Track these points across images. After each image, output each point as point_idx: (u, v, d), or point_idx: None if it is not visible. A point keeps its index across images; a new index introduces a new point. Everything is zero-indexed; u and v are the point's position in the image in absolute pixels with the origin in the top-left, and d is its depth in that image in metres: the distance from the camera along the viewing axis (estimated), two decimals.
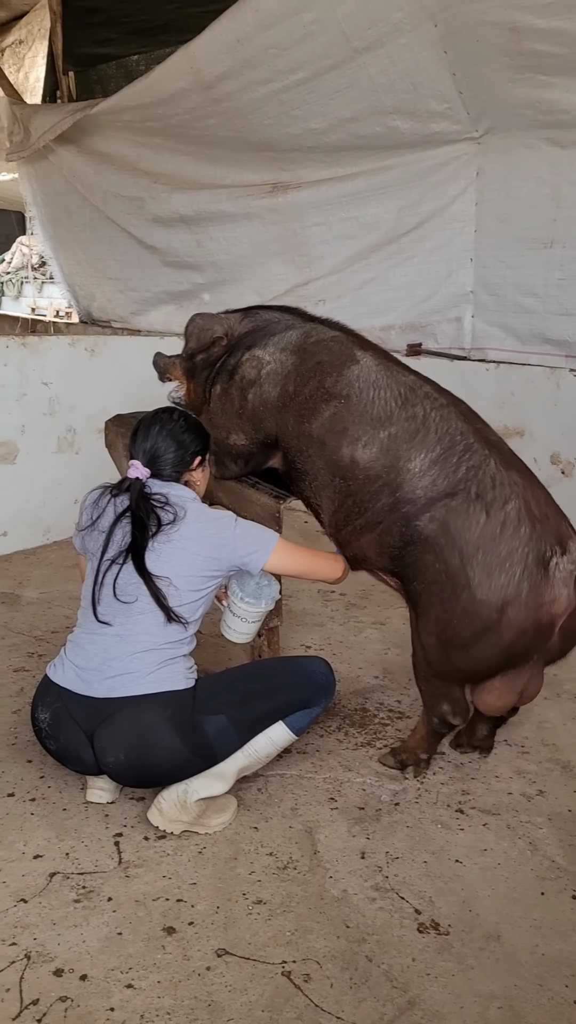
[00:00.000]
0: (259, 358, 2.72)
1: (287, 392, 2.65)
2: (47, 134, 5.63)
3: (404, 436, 2.43)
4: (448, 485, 2.35)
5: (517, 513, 2.29)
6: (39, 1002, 1.76)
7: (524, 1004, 1.80)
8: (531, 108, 4.05)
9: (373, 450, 2.46)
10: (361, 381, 2.53)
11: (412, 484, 2.39)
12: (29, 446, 4.44)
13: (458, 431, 2.41)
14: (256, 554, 2.38)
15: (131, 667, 2.26)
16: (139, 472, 2.38)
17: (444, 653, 2.40)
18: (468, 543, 2.29)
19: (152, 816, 2.28)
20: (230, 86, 4.59)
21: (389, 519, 2.43)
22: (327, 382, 2.57)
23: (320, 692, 2.41)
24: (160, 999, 1.77)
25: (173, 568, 2.29)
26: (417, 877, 2.17)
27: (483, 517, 2.29)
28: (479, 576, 2.27)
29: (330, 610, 3.88)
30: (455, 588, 2.31)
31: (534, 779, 2.62)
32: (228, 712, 2.29)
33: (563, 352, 4.43)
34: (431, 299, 4.94)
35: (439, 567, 2.33)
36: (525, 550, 2.26)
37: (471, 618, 2.30)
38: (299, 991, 1.81)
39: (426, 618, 2.41)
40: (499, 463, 2.36)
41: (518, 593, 2.25)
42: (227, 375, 2.79)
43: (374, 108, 4.38)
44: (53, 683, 2.34)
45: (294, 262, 5.42)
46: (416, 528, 2.37)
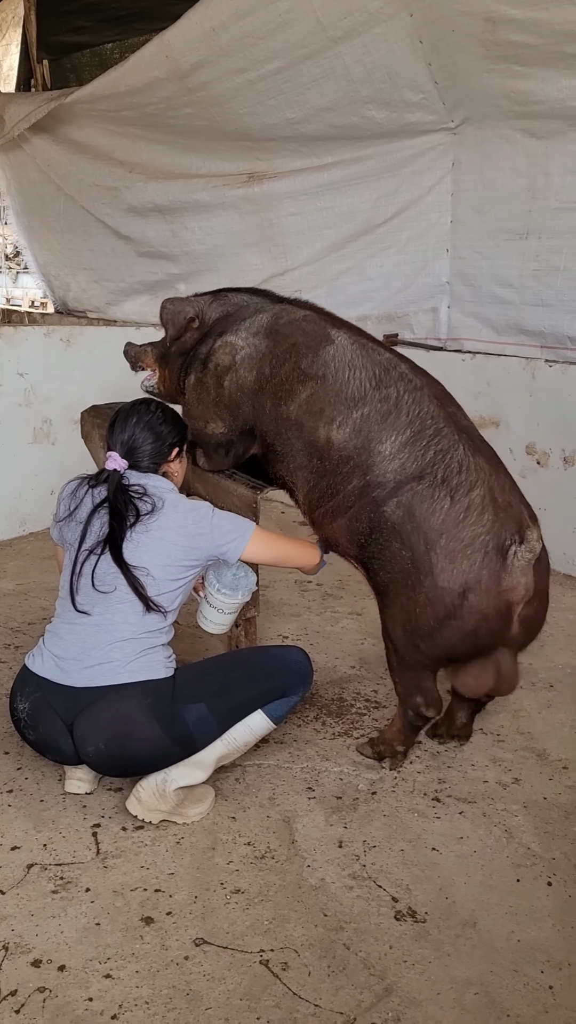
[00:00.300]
0: (232, 344, 2.70)
1: (263, 375, 2.65)
2: (22, 123, 5.57)
3: (376, 417, 2.44)
4: (416, 468, 2.36)
5: (481, 500, 2.30)
6: (17, 993, 1.76)
7: (500, 990, 1.82)
8: (506, 99, 4.05)
9: (347, 430, 2.46)
10: (337, 361, 2.53)
11: (382, 467, 2.41)
12: (5, 437, 4.41)
13: (429, 414, 2.42)
14: (234, 543, 2.39)
15: (110, 656, 2.26)
16: (117, 464, 2.38)
17: (412, 642, 2.41)
18: (432, 528, 2.31)
19: (131, 805, 2.28)
20: (205, 75, 4.56)
21: (359, 503, 2.45)
22: (303, 363, 2.57)
23: (298, 681, 2.42)
24: (138, 989, 1.78)
25: (151, 558, 2.29)
26: (394, 865, 2.18)
27: (447, 503, 2.31)
28: (442, 562, 2.29)
29: (307, 600, 3.89)
30: (419, 574, 2.32)
31: (510, 767, 2.64)
32: (208, 701, 2.29)
33: (538, 343, 4.45)
34: (407, 289, 4.95)
35: (405, 554, 2.35)
36: (486, 537, 2.28)
37: (434, 604, 2.32)
38: (277, 979, 1.82)
39: (392, 608, 2.43)
40: (467, 448, 2.38)
41: (479, 579, 2.27)
42: (200, 364, 2.78)
43: (350, 98, 4.37)
44: (32, 673, 2.33)
45: (270, 252, 5.40)
46: (383, 514, 2.39)
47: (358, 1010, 1.75)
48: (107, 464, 2.39)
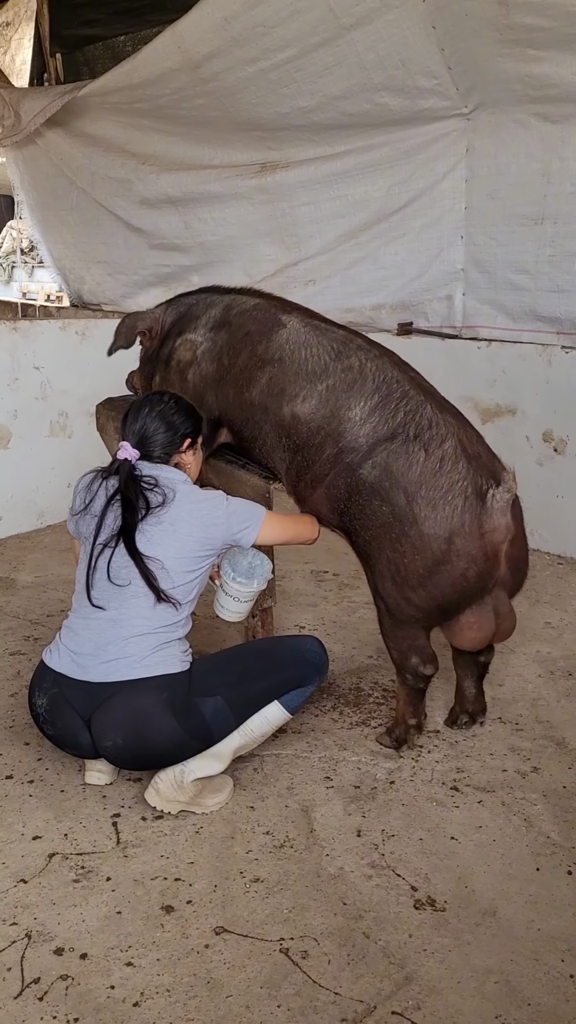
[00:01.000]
0: (191, 340, 2.82)
1: (223, 365, 2.75)
2: (37, 117, 5.57)
3: (342, 387, 2.52)
4: (388, 430, 2.44)
5: (454, 450, 2.39)
6: (40, 981, 1.78)
7: (520, 979, 1.82)
8: (521, 83, 4.02)
9: (312, 403, 2.55)
10: (291, 343, 2.63)
11: (354, 432, 2.48)
12: (22, 430, 4.43)
13: (394, 379, 2.51)
14: (248, 529, 2.40)
15: (126, 651, 2.26)
16: (128, 453, 2.38)
17: (403, 595, 2.45)
18: (411, 481, 2.38)
19: (149, 797, 2.29)
20: (218, 65, 4.55)
21: (335, 470, 2.51)
22: (258, 350, 2.67)
23: (314, 670, 2.42)
24: (159, 976, 1.79)
25: (164, 550, 2.29)
26: (413, 854, 2.19)
27: (422, 455, 2.38)
28: (424, 511, 2.36)
29: (323, 590, 3.89)
30: (403, 526, 2.39)
31: (528, 756, 2.64)
32: (224, 693, 2.30)
33: (555, 329, 4.42)
34: (422, 277, 4.92)
35: (386, 509, 2.41)
36: (464, 483, 2.36)
37: (422, 552, 2.37)
38: (297, 967, 1.82)
39: (379, 564, 2.47)
40: (434, 407, 2.47)
41: (462, 523, 2.35)
42: (163, 364, 2.89)
43: (363, 85, 4.34)
44: (49, 668, 2.34)
45: (283, 242, 5.39)
46: (360, 476, 2.45)
47: (378, 998, 1.75)
48: (118, 454, 2.39)
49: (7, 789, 2.40)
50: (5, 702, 2.84)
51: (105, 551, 2.30)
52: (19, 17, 7.19)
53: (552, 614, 3.68)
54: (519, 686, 3.05)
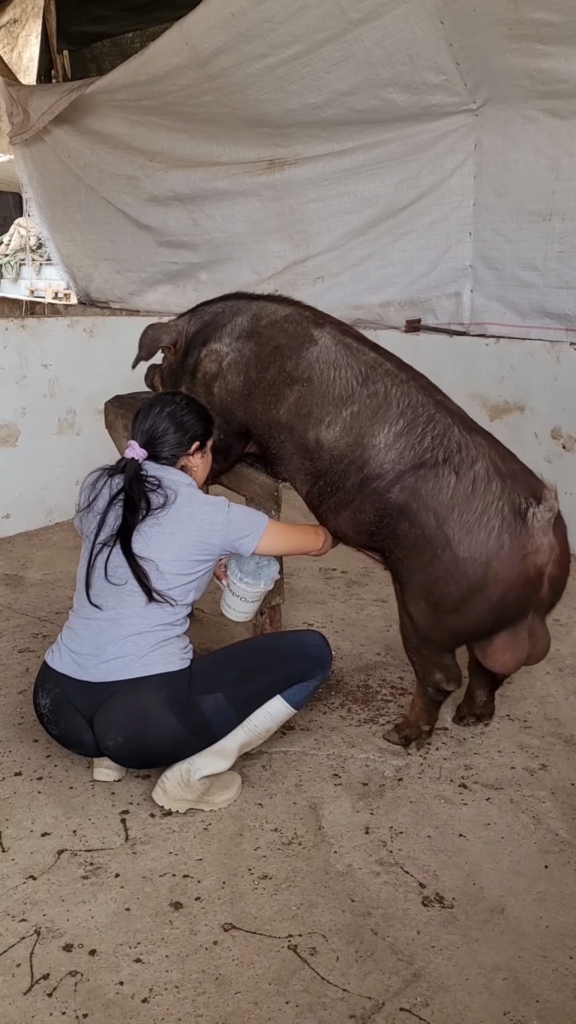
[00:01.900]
0: (217, 351, 2.72)
1: (250, 379, 2.66)
2: (46, 115, 5.59)
3: (367, 413, 2.45)
4: (415, 456, 2.38)
5: (486, 471, 2.32)
6: (49, 977, 1.78)
7: (529, 975, 1.82)
8: (529, 78, 4.01)
9: (336, 430, 2.48)
10: (321, 362, 2.54)
11: (379, 459, 2.42)
12: (30, 428, 4.44)
13: (420, 403, 2.44)
14: (248, 538, 2.37)
15: (125, 650, 2.26)
16: (135, 452, 2.37)
17: (436, 618, 2.40)
18: (442, 504, 2.31)
19: (157, 796, 2.30)
20: (225, 61, 4.55)
21: (360, 496, 2.46)
22: (288, 366, 2.58)
23: (317, 665, 2.40)
24: (168, 973, 1.79)
25: (160, 552, 2.27)
26: (421, 851, 2.19)
27: (453, 479, 2.32)
28: (458, 535, 2.29)
29: (332, 588, 3.89)
30: (435, 550, 2.33)
31: (536, 753, 2.63)
32: (224, 689, 2.29)
33: (563, 326, 4.41)
34: (430, 274, 4.92)
35: (415, 532, 2.36)
36: (500, 503, 2.28)
37: (457, 578, 2.31)
38: (305, 964, 1.83)
39: (410, 585, 2.43)
40: (462, 429, 2.40)
41: (500, 546, 2.27)
42: (189, 375, 2.80)
43: (371, 81, 4.34)
44: (51, 669, 2.35)
45: (292, 239, 5.39)
46: (388, 500, 2.40)
47: (386, 995, 1.76)
48: (126, 453, 2.39)
49: (16, 786, 2.40)
50: (14, 699, 2.84)
51: (104, 550, 2.30)
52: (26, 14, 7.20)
53: (561, 611, 3.67)
54: (527, 683, 3.05)
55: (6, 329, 4.26)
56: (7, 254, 12.06)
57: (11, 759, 2.52)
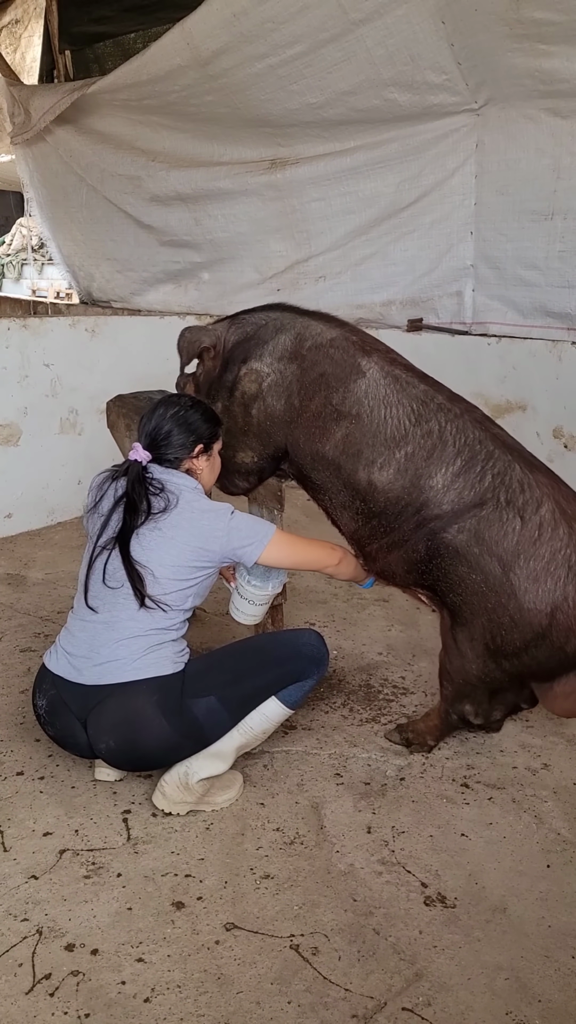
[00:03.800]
0: (257, 371, 2.59)
1: (292, 406, 2.55)
2: (47, 115, 5.59)
3: (422, 454, 2.37)
4: (475, 496, 2.31)
5: (552, 515, 2.26)
6: (51, 976, 1.78)
7: (531, 975, 1.82)
8: (531, 78, 4.00)
9: (390, 472, 2.40)
10: (370, 398, 2.44)
11: (437, 500, 2.35)
12: (32, 428, 4.44)
13: (476, 440, 2.36)
14: (250, 547, 2.32)
15: (118, 654, 2.24)
16: (138, 455, 2.36)
17: (495, 661, 2.36)
18: (507, 551, 2.26)
19: (157, 800, 2.29)
20: (227, 62, 4.55)
21: (416, 536, 2.39)
22: (334, 399, 2.47)
23: (311, 664, 2.37)
24: (170, 972, 1.79)
25: (159, 557, 2.25)
26: (423, 851, 2.19)
27: (518, 523, 2.26)
28: (524, 583, 2.25)
29: (333, 587, 3.89)
30: (499, 598, 2.28)
31: (539, 753, 2.63)
32: (218, 692, 2.27)
33: (565, 325, 4.41)
34: (432, 273, 4.91)
35: (476, 577, 2.30)
36: (567, 551, 2.24)
37: (521, 627, 2.28)
38: (307, 964, 1.83)
39: (470, 628, 2.37)
40: (523, 467, 2.33)
41: (565, 597, 2.24)
42: (227, 392, 2.66)
43: (372, 81, 4.34)
44: (48, 670, 2.35)
45: (294, 239, 5.39)
46: (443, 540, 2.33)
47: (388, 994, 1.76)
48: (130, 455, 2.38)
49: (18, 785, 2.41)
50: (16, 699, 2.85)
51: (103, 553, 2.29)
52: (28, 14, 7.20)
53: None
54: None
55: (8, 329, 4.27)
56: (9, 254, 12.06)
57: (13, 758, 2.52)
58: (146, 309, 6.34)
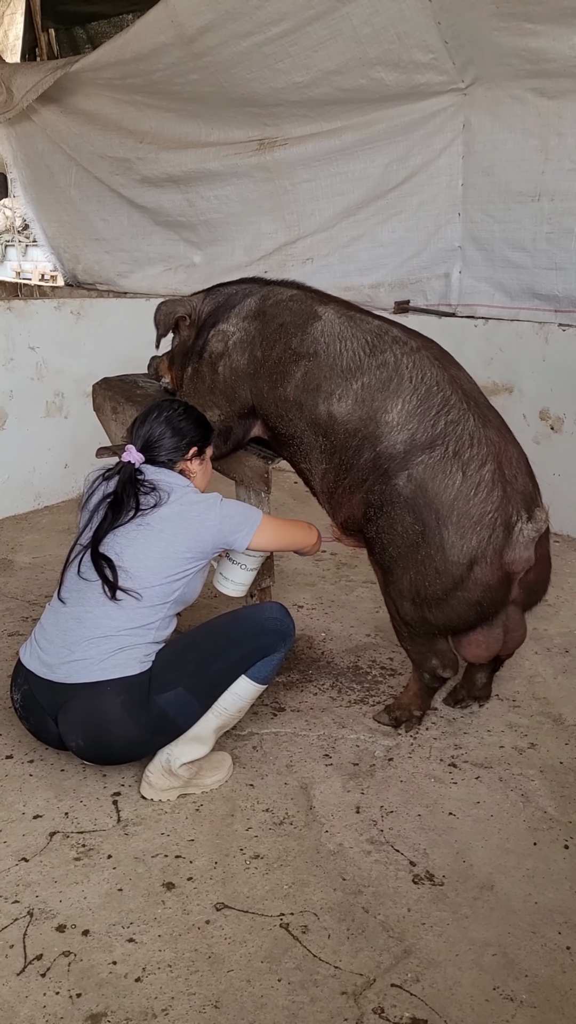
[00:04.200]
0: (224, 331, 2.71)
1: (255, 358, 2.65)
2: (30, 93, 5.52)
3: (377, 385, 2.43)
4: (427, 438, 2.37)
5: (492, 476, 2.32)
6: (43, 957, 1.79)
7: (518, 951, 1.84)
8: (518, 57, 3.99)
9: (348, 403, 2.46)
10: (326, 336, 2.53)
11: (391, 438, 2.40)
12: (18, 411, 4.42)
13: (434, 380, 2.41)
14: (242, 534, 2.35)
15: (87, 653, 2.23)
16: (132, 456, 2.37)
17: (421, 614, 2.44)
18: (444, 504, 2.33)
19: (144, 791, 2.30)
20: (212, 39, 4.50)
21: (373, 476, 2.44)
22: (293, 342, 2.57)
23: (276, 638, 2.35)
24: (161, 952, 1.81)
25: (142, 551, 2.26)
26: (411, 830, 2.20)
27: (459, 477, 2.32)
28: (453, 537, 2.32)
29: (321, 569, 3.90)
30: (430, 549, 2.35)
31: (526, 732, 2.65)
32: (185, 683, 2.25)
33: (552, 307, 4.41)
34: (419, 255, 4.90)
35: (417, 528, 2.36)
36: (495, 515, 2.31)
37: (443, 576, 2.35)
38: (297, 942, 1.84)
39: (401, 583, 2.44)
40: (477, 419, 2.38)
41: (484, 554, 2.32)
42: (196, 356, 2.79)
43: (358, 60, 4.31)
44: (22, 665, 2.35)
45: (283, 220, 5.36)
46: (395, 488, 2.39)
47: (377, 971, 1.77)
48: (123, 457, 2.38)
49: (8, 769, 2.41)
50: (4, 683, 2.84)
51: (84, 550, 2.31)
52: None
53: (549, 592, 3.68)
54: (516, 663, 3.07)
55: None
56: None
57: (2, 742, 2.53)
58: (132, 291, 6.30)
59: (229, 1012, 1.67)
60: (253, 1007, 1.69)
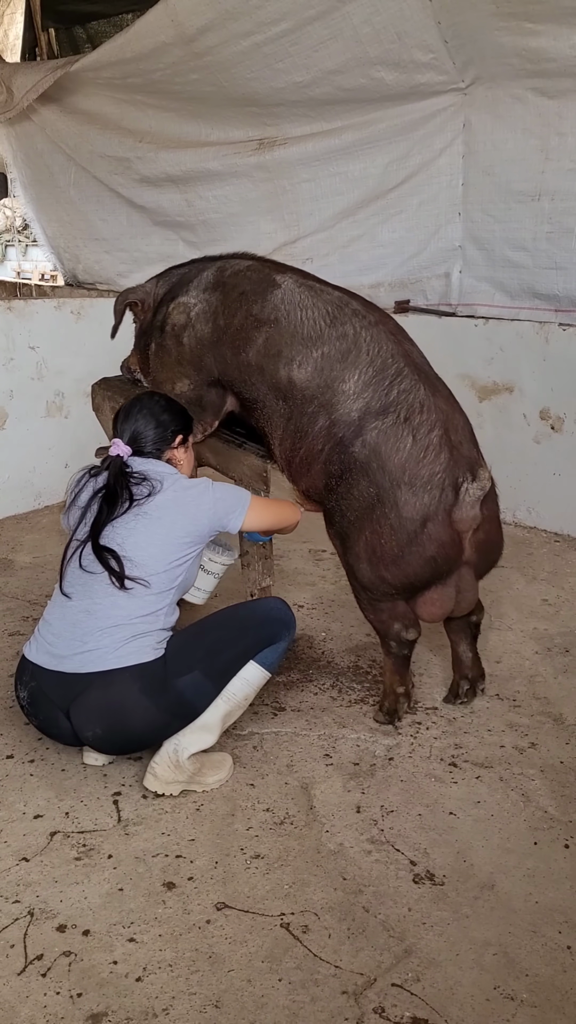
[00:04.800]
0: (184, 303, 2.79)
1: (218, 326, 2.72)
2: (30, 93, 5.51)
3: (336, 356, 2.53)
4: (380, 407, 2.47)
5: (439, 440, 2.43)
6: (43, 957, 1.79)
7: (519, 950, 1.84)
8: (518, 57, 3.98)
9: (308, 369, 2.55)
10: (287, 303, 2.61)
11: (347, 406, 2.50)
12: (18, 411, 4.42)
13: (389, 353, 2.51)
14: (235, 514, 2.42)
15: (101, 643, 2.25)
16: (120, 449, 2.41)
17: (377, 574, 2.51)
18: (396, 466, 2.43)
19: (148, 782, 2.30)
20: (212, 39, 4.49)
21: (328, 446, 2.53)
22: (254, 309, 2.65)
23: (282, 627, 2.44)
24: (162, 952, 1.81)
25: (145, 540, 2.29)
26: (412, 830, 2.20)
27: (409, 441, 2.43)
28: (405, 496, 2.43)
29: (321, 569, 3.90)
30: (384, 508, 2.45)
31: (526, 732, 2.65)
32: (200, 667, 2.31)
33: (552, 306, 4.40)
34: (420, 255, 4.89)
35: (372, 491, 2.46)
36: (443, 475, 2.42)
37: (398, 533, 2.44)
38: (298, 942, 1.84)
39: (357, 545, 2.52)
40: (427, 389, 2.49)
41: (435, 512, 2.42)
42: (158, 331, 2.87)
43: (358, 59, 4.30)
44: (28, 661, 2.35)
45: (283, 220, 5.35)
46: (352, 455, 2.48)
47: (378, 971, 1.77)
48: (111, 451, 2.42)
49: (8, 769, 2.41)
50: (5, 682, 2.85)
51: (82, 545, 2.33)
52: None
53: (549, 591, 3.69)
54: (516, 663, 3.07)
55: None
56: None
57: (2, 742, 2.53)
58: None
59: (230, 1012, 1.67)
60: (254, 1007, 1.69)
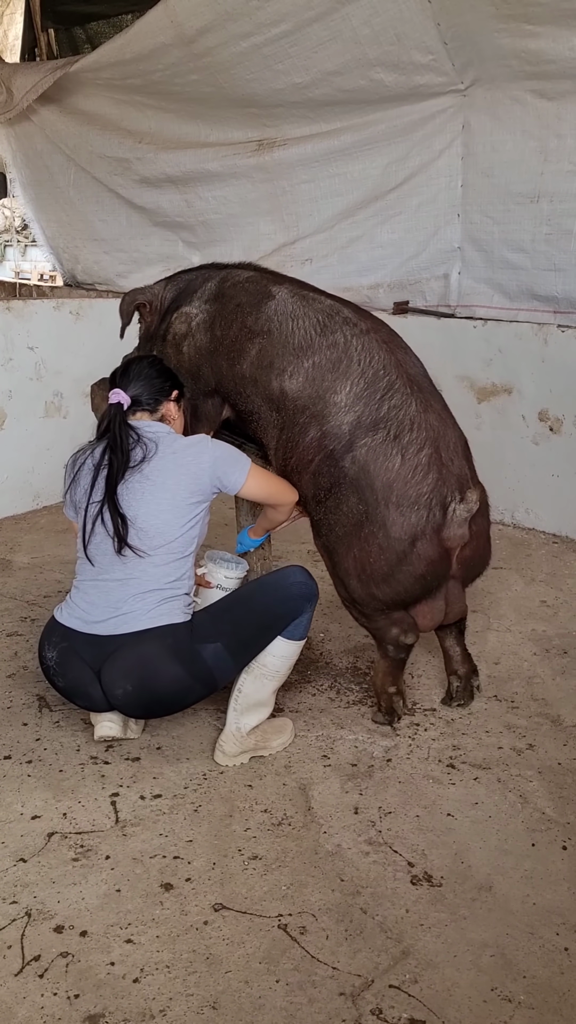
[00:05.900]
0: (187, 313, 2.83)
1: (215, 336, 2.75)
2: (30, 93, 5.52)
3: (327, 365, 2.54)
4: (371, 422, 2.48)
5: (428, 460, 2.45)
6: (40, 958, 1.79)
7: (516, 952, 1.84)
8: (517, 59, 3.98)
9: (299, 379, 2.57)
10: (279, 315, 2.63)
11: (338, 418, 2.50)
12: (16, 411, 4.42)
13: (381, 364, 2.52)
14: (235, 474, 2.45)
15: (135, 607, 2.36)
16: (120, 398, 2.44)
17: (367, 591, 2.53)
18: (384, 485, 2.44)
19: (218, 758, 2.45)
20: (211, 40, 4.50)
21: (319, 458, 2.54)
22: (248, 321, 2.67)
23: (303, 600, 2.46)
24: (159, 953, 1.81)
25: (157, 505, 2.36)
26: (410, 831, 2.20)
27: (398, 461, 2.44)
28: (393, 515, 2.44)
29: (320, 570, 3.89)
30: (372, 526, 2.46)
31: (524, 733, 2.65)
32: (223, 640, 2.38)
33: (551, 308, 4.41)
34: (419, 256, 4.89)
35: (360, 508, 2.47)
36: (431, 496, 2.43)
37: (387, 552, 2.46)
38: (295, 943, 1.84)
39: (345, 562, 2.54)
40: (419, 405, 2.49)
41: (424, 531, 2.44)
42: (161, 339, 2.90)
43: (358, 61, 4.30)
44: (59, 624, 2.44)
45: (282, 220, 5.35)
46: (342, 470, 2.49)
47: (375, 972, 1.77)
48: (110, 399, 2.45)
49: (5, 769, 2.41)
50: (3, 683, 2.84)
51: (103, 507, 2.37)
52: None
53: (547, 593, 3.70)
54: (515, 664, 3.07)
55: None
56: None
57: (0, 743, 2.52)
58: None
59: (227, 1013, 1.67)
60: (251, 1008, 1.68)
